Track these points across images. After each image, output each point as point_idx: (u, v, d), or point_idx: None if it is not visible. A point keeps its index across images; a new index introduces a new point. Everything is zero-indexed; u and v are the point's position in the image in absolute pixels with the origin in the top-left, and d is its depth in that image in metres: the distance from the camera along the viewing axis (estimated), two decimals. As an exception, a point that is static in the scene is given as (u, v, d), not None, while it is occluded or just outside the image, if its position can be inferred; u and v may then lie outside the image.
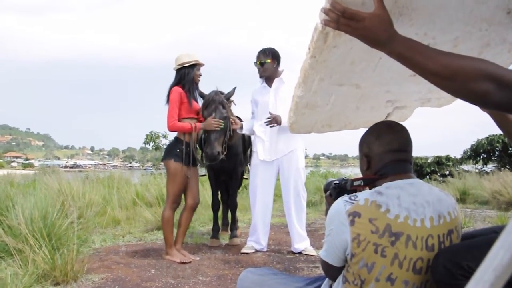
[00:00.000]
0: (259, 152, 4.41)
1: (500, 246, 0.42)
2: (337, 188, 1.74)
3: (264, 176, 4.40)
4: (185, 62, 4.17)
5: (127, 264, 3.96)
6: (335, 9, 1.24)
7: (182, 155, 4.13)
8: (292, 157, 4.36)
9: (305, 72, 1.50)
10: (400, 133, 1.56)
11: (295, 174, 4.36)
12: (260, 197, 4.41)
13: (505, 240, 0.42)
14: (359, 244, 1.41)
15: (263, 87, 4.46)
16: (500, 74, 1.12)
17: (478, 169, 14.32)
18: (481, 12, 1.41)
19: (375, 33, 1.23)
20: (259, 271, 1.96)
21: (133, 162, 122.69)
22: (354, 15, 1.23)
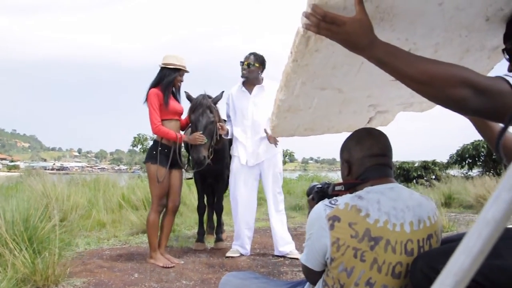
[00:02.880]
0: (241, 156, 4.42)
1: (461, 251, 0.41)
2: (320, 192, 1.75)
3: (247, 181, 4.42)
4: (170, 64, 4.15)
5: (110, 268, 3.92)
6: (316, 13, 1.24)
7: (161, 158, 4.10)
8: (272, 161, 4.40)
9: (287, 76, 1.50)
10: (380, 138, 1.57)
11: (274, 179, 4.41)
12: (243, 201, 4.42)
13: (466, 246, 0.42)
14: (338, 248, 1.41)
15: (242, 92, 4.46)
16: (477, 80, 1.12)
17: (464, 173, 14.46)
18: (460, 19, 1.43)
19: (356, 37, 1.24)
20: (241, 275, 1.95)
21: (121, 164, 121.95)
22: (334, 19, 1.23)
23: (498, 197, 0.42)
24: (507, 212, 0.41)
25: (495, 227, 0.42)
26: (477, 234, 0.42)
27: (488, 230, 0.42)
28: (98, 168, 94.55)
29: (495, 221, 0.42)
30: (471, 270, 0.41)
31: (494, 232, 0.42)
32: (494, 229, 0.42)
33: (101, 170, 75.39)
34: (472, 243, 0.42)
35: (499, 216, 0.42)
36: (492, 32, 1.53)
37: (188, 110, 4.36)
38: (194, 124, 4.30)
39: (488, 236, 0.42)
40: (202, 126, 4.22)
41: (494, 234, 0.42)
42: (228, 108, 4.58)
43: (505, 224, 0.42)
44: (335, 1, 1.24)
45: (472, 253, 0.42)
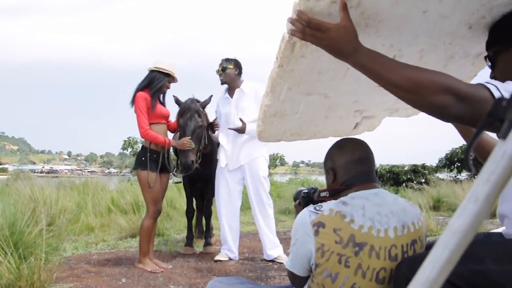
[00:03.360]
0: (221, 160, 4.46)
1: (428, 261, 0.42)
2: (306, 197, 1.75)
3: (228, 185, 4.45)
4: (162, 68, 4.14)
5: (98, 273, 3.89)
6: (301, 19, 1.24)
7: (151, 163, 4.09)
8: (254, 165, 4.40)
9: (272, 81, 1.51)
10: (360, 143, 1.59)
11: (257, 183, 4.40)
12: (226, 205, 4.43)
13: (433, 256, 0.42)
14: (323, 254, 1.41)
15: (225, 98, 4.51)
16: (458, 87, 1.14)
17: (453, 177, 14.58)
18: (444, 26, 1.44)
19: (340, 44, 1.25)
20: (227, 280, 1.95)
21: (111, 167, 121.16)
22: (319, 25, 1.24)
23: (465, 208, 0.43)
24: (473, 223, 0.42)
25: (461, 238, 0.42)
26: (444, 244, 0.43)
27: (454, 240, 0.42)
28: (88, 171, 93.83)
29: (461, 232, 0.42)
30: (437, 280, 0.42)
31: (460, 243, 0.42)
32: (460, 239, 0.42)
33: (91, 173, 74.85)
34: (438, 254, 0.42)
35: (465, 227, 0.42)
36: (475, 39, 1.55)
37: (176, 114, 4.36)
38: (182, 128, 4.30)
39: (454, 247, 0.42)
40: (190, 130, 4.22)
41: (461, 244, 0.42)
42: (217, 114, 4.63)
43: (472, 235, 0.42)
44: (320, 8, 1.24)
45: (439, 264, 0.42)
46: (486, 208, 0.42)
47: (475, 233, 0.44)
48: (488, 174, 0.43)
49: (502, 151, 0.42)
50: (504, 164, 0.42)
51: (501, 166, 0.42)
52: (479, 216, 0.42)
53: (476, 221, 0.42)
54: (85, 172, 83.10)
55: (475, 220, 0.42)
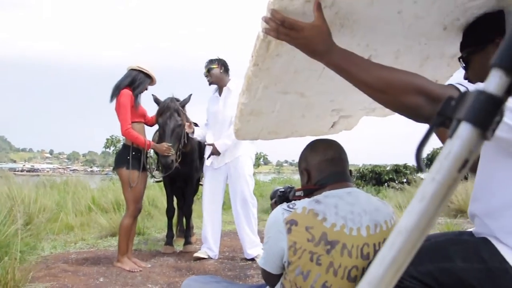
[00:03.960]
0: (207, 159, 4.44)
1: (376, 261, 0.42)
2: (282, 196, 1.76)
3: (212, 183, 4.44)
4: (144, 69, 4.12)
5: (75, 272, 3.84)
6: (275, 18, 1.25)
7: (133, 162, 4.06)
8: (238, 163, 4.39)
9: (248, 80, 1.51)
10: (334, 144, 1.60)
11: (242, 182, 4.39)
12: (208, 204, 4.42)
13: (380, 256, 0.42)
14: (295, 252, 1.41)
15: (215, 96, 4.50)
16: (430, 88, 1.15)
17: (433, 177, 14.72)
18: (419, 27, 1.46)
19: (314, 43, 1.25)
20: (202, 279, 1.94)
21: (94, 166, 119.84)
22: (293, 25, 1.24)
23: (411, 208, 0.43)
24: (419, 223, 0.42)
25: (407, 237, 0.42)
26: (390, 244, 0.43)
27: (400, 240, 0.42)
28: (70, 170, 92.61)
29: (406, 231, 0.42)
30: (384, 279, 0.42)
31: (406, 242, 0.42)
32: (406, 239, 0.42)
33: (73, 172, 73.96)
34: (385, 253, 0.43)
35: (411, 226, 0.42)
36: (450, 40, 1.57)
37: (155, 113, 4.33)
38: (161, 128, 4.28)
39: (400, 246, 0.42)
40: (169, 130, 4.21)
41: (407, 244, 0.42)
42: (207, 113, 4.61)
43: (419, 234, 0.43)
44: (294, 7, 1.25)
45: (385, 263, 0.42)
46: (433, 207, 0.43)
47: (425, 233, 0.45)
48: (434, 173, 0.43)
49: (447, 150, 0.43)
50: (448, 163, 0.42)
51: (446, 165, 0.42)
52: (425, 215, 0.42)
53: (422, 221, 0.42)
54: (67, 171, 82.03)
55: (421, 219, 0.42)
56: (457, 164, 0.42)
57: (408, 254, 0.43)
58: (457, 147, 0.42)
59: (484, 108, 0.42)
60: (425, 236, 0.47)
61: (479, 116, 0.42)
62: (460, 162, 0.42)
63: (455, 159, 0.42)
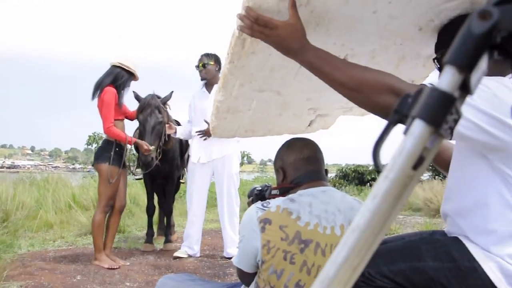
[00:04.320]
0: (194, 154, 4.38)
1: (329, 260, 0.42)
2: (259, 195, 1.76)
3: (198, 180, 4.38)
4: (126, 66, 4.07)
5: (52, 270, 3.78)
6: (249, 15, 1.24)
7: (114, 157, 4.02)
8: (226, 161, 4.36)
9: (224, 77, 1.50)
10: (310, 143, 1.60)
11: (228, 179, 4.36)
12: (195, 201, 4.38)
13: (334, 254, 0.42)
14: (269, 250, 1.41)
15: (203, 92, 4.43)
16: (401, 88, 1.16)
17: (415, 177, 14.89)
18: (395, 27, 1.46)
19: (287, 41, 1.25)
20: (177, 277, 1.93)
21: (76, 163, 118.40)
22: (267, 22, 1.24)
23: (364, 206, 0.43)
24: (371, 221, 0.42)
25: (359, 235, 0.42)
26: (343, 242, 0.43)
27: (352, 238, 0.42)
28: (52, 167, 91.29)
29: (359, 229, 0.42)
30: (336, 278, 0.42)
31: (359, 240, 0.42)
32: (358, 237, 0.42)
33: (55, 169, 72.98)
34: (337, 252, 0.42)
35: (363, 224, 0.42)
36: (425, 41, 1.58)
37: (136, 110, 4.29)
38: (142, 125, 4.25)
39: (352, 244, 0.42)
40: (150, 127, 4.18)
41: (360, 242, 0.42)
42: (190, 110, 4.53)
43: (372, 233, 0.42)
44: (269, 5, 1.24)
45: (337, 262, 0.42)
46: (386, 205, 0.42)
47: (380, 231, 0.44)
48: (387, 171, 0.43)
49: (400, 148, 0.42)
50: (401, 161, 0.42)
51: (398, 163, 0.42)
52: (377, 213, 0.42)
53: (375, 219, 0.42)
54: (48, 168, 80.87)
55: (374, 218, 0.42)
56: (410, 161, 0.42)
57: (361, 252, 0.43)
58: (410, 144, 0.42)
59: (436, 105, 0.42)
60: (382, 234, 0.47)
61: (431, 113, 0.42)
62: (413, 159, 0.42)
63: (408, 156, 0.42)
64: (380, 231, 0.44)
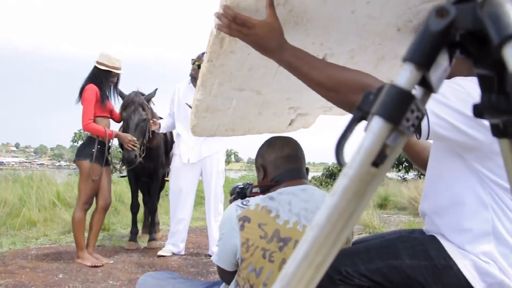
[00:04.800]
0: (183, 154, 4.32)
1: (291, 257, 0.42)
2: (241, 193, 1.76)
3: (187, 179, 4.35)
4: (102, 64, 4.03)
5: (33, 269, 3.73)
6: (227, 14, 1.24)
7: (96, 155, 3.98)
8: (214, 159, 4.35)
9: (203, 76, 1.49)
10: (291, 141, 1.60)
11: (216, 177, 4.36)
12: (181, 199, 4.35)
13: (295, 251, 0.42)
14: (248, 249, 1.41)
15: (189, 88, 4.34)
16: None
17: (400, 176, 15.04)
18: (373, 27, 1.47)
19: (265, 40, 1.25)
20: (158, 275, 1.92)
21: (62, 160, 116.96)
22: (245, 21, 1.24)
23: (325, 203, 0.43)
24: (330, 218, 0.42)
25: (319, 232, 0.42)
26: (303, 239, 0.43)
27: (311, 235, 0.42)
28: (37, 164, 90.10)
29: (318, 226, 0.42)
30: (296, 275, 0.42)
31: (318, 237, 0.42)
32: (318, 234, 0.42)
33: (40, 166, 72.12)
34: (297, 249, 0.42)
35: (322, 221, 0.42)
36: (404, 41, 1.59)
37: (120, 107, 4.26)
38: (125, 122, 4.21)
39: (311, 241, 0.42)
40: (133, 124, 4.15)
41: (319, 238, 0.42)
42: (173, 104, 4.44)
43: (332, 229, 0.42)
44: (247, 3, 1.24)
45: (296, 258, 0.42)
46: (345, 202, 0.42)
47: (342, 228, 0.44)
48: (346, 168, 0.43)
49: (360, 145, 0.43)
50: (359, 158, 0.42)
51: (357, 160, 0.42)
52: (336, 210, 0.42)
53: (333, 215, 0.42)
54: (34, 165, 79.85)
55: (332, 214, 0.42)
56: (368, 158, 0.42)
57: (322, 249, 0.42)
58: (368, 141, 0.42)
59: (394, 102, 0.42)
60: (347, 231, 0.47)
61: (389, 110, 0.42)
62: (372, 156, 0.42)
63: (366, 153, 0.42)
64: (343, 228, 0.44)
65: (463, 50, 0.47)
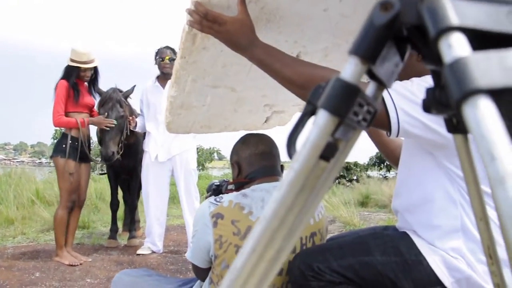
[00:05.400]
0: (152, 152, 4.31)
1: (240, 251, 0.42)
2: (217, 190, 1.75)
3: (157, 177, 4.32)
4: (72, 60, 3.97)
5: (9, 268, 3.68)
6: (198, 10, 1.23)
7: (69, 150, 3.93)
8: (184, 157, 4.33)
9: (176, 72, 1.49)
10: (264, 137, 1.61)
11: (187, 175, 4.34)
12: (153, 197, 4.33)
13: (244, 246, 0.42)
14: (221, 245, 1.41)
15: (156, 86, 4.32)
16: None
17: (382, 175, 15.20)
18: (346, 25, 1.47)
19: (236, 37, 1.25)
20: (134, 272, 1.91)
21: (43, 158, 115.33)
22: (216, 18, 1.24)
23: (272, 197, 0.43)
24: (275, 211, 0.42)
25: (265, 226, 0.42)
26: (251, 233, 0.43)
27: (258, 228, 0.42)
28: (17, 162, 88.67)
29: (265, 220, 0.42)
30: (244, 269, 0.41)
31: (265, 231, 0.42)
32: (264, 227, 0.42)
33: (20, 164, 71.01)
34: (246, 243, 0.42)
35: (269, 215, 0.42)
36: None
37: (97, 104, 4.21)
38: None
39: (257, 235, 0.42)
40: None
41: (266, 232, 0.42)
42: (142, 104, 4.44)
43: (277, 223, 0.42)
44: (218, 0, 1.24)
45: (244, 252, 0.42)
46: (291, 195, 0.43)
47: (292, 222, 0.44)
48: (293, 161, 0.43)
49: (306, 139, 0.43)
50: (305, 152, 0.42)
51: (303, 153, 0.42)
52: (282, 203, 0.42)
53: (280, 209, 0.42)
54: (13, 162, 78.62)
55: (279, 208, 0.42)
56: (315, 151, 0.42)
57: (272, 243, 0.42)
58: (313, 135, 0.42)
59: (339, 95, 0.42)
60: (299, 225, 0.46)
61: (333, 103, 0.42)
62: (318, 150, 0.42)
63: (312, 146, 0.42)
64: (294, 222, 0.44)
65: (413, 45, 0.47)
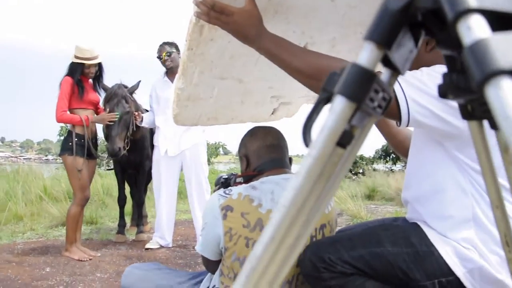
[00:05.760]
0: (161, 146, 4.31)
1: (259, 240, 0.42)
2: (225, 183, 1.75)
3: (167, 171, 4.33)
4: (76, 57, 3.98)
5: (19, 263, 3.71)
6: (206, 2, 1.23)
7: (75, 148, 3.94)
8: (194, 151, 4.33)
9: (183, 64, 1.48)
10: (273, 131, 1.60)
11: (198, 169, 4.34)
12: (164, 193, 4.34)
13: (262, 233, 0.42)
14: (231, 238, 1.41)
15: (165, 81, 4.34)
16: None
17: (388, 168, 15.15)
18: (354, 16, 1.46)
19: (244, 28, 1.24)
20: (144, 266, 1.92)
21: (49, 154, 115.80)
22: (223, 9, 1.23)
23: (290, 184, 0.43)
24: (294, 198, 0.42)
25: (284, 213, 0.42)
26: (270, 221, 0.43)
27: (277, 216, 0.42)
28: (24, 159, 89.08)
29: (284, 207, 0.42)
30: (263, 257, 0.41)
31: (283, 218, 0.42)
32: (283, 215, 0.42)
33: (27, 161, 71.41)
34: (264, 231, 0.42)
35: (287, 202, 0.42)
36: None
37: (103, 100, 4.22)
38: None
39: (277, 222, 0.42)
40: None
41: (284, 220, 0.42)
42: (152, 100, 4.45)
43: (296, 210, 0.42)
44: None
45: (263, 240, 0.42)
46: (309, 183, 0.42)
47: (310, 209, 0.44)
48: (310, 148, 0.43)
49: (323, 125, 0.42)
50: (322, 138, 0.42)
51: (320, 140, 0.42)
52: (301, 190, 0.42)
53: (298, 196, 0.42)
54: (20, 159, 79.04)
55: (297, 195, 0.42)
56: (332, 138, 0.42)
57: (291, 230, 0.42)
58: (331, 121, 0.42)
59: (356, 80, 0.42)
60: (316, 212, 0.46)
61: (350, 89, 0.42)
62: (336, 136, 0.42)
63: (329, 133, 0.42)
64: (311, 208, 0.44)
65: (427, 31, 0.47)
